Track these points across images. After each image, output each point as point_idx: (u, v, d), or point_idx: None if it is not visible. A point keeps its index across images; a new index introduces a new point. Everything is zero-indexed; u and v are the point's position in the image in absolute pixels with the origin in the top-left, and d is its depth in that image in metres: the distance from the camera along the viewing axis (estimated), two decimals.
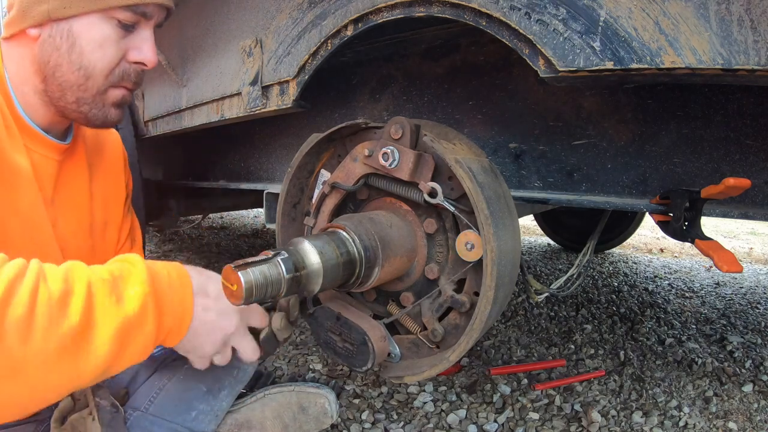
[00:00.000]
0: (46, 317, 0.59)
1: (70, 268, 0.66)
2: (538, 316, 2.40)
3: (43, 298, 0.59)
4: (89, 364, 0.63)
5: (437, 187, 0.81)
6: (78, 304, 0.62)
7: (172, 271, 0.77)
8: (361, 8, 0.98)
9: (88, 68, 0.90)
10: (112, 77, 0.93)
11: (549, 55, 0.75)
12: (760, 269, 3.69)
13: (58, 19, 0.87)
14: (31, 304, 0.58)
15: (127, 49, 0.94)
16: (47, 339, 0.58)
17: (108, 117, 0.97)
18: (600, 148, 1.09)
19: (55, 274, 0.63)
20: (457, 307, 0.87)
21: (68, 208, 1.02)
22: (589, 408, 1.54)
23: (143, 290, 0.69)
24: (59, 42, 0.88)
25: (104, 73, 0.92)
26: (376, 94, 1.47)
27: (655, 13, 0.66)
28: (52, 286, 0.61)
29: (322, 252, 0.77)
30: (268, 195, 1.37)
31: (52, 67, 0.89)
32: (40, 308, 0.59)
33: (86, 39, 0.89)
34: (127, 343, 0.67)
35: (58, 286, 0.62)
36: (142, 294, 0.68)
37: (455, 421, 1.48)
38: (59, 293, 0.61)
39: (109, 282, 0.67)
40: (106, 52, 0.91)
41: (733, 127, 0.94)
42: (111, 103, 0.96)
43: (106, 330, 0.64)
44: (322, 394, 1.26)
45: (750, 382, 1.75)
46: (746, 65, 0.60)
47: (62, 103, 0.92)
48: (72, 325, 0.61)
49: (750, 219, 0.91)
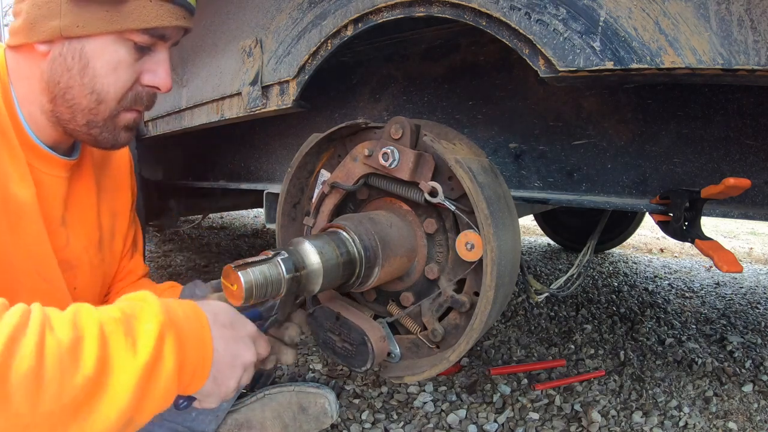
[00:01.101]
0: (57, 370, 0.52)
1: (78, 312, 0.60)
2: (538, 316, 2.40)
3: (51, 348, 0.52)
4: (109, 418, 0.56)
5: (438, 187, 0.81)
6: (91, 351, 0.55)
7: (185, 306, 0.71)
8: (361, 8, 0.98)
9: (101, 93, 0.86)
10: (124, 101, 0.90)
11: (549, 55, 0.75)
12: (760, 269, 3.69)
13: (70, 38, 0.82)
14: (38, 357, 0.51)
15: (141, 72, 0.90)
16: (60, 396, 0.52)
17: (118, 140, 0.93)
18: (600, 148, 1.09)
19: (62, 320, 0.57)
20: (457, 307, 0.87)
21: (79, 225, 1.00)
22: (589, 408, 1.54)
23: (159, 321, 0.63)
24: (71, 62, 0.83)
25: (117, 97, 0.88)
26: (376, 94, 1.47)
27: (655, 13, 0.66)
28: (59, 334, 0.55)
29: (322, 252, 0.77)
30: (268, 195, 1.37)
31: (62, 89, 0.85)
32: (48, 360, 0.52)
33: (100, 62, 0.84)
34: (149, 387, 0.60)
35: (66, 333, 0.55)
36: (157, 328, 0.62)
37: (455, 421, 1.48)
38: (69, 341, 0.54)
39: (122, 321, 0.61)
40: (120, 76, 0.87)
41: (733, 127, 0.94)
42: (122, 127, 0.93)
43: (124, 377, 0.57)
44: (322, 394, 1.27)
45: (750, 382, 1.75)
46: (746, 65, 0.60)
47: (72, 126, 0.89)
48: (87, 375, 0.54)
49: (750, 219, 0.91)
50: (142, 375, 0.59)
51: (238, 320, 0.77)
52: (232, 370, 0.72)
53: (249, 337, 0.76)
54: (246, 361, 0.74)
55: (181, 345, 0.64)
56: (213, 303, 0.78)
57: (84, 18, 0.81)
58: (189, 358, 0.65)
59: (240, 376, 0.74)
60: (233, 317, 0.76)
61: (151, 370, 0.60)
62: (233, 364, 0.72)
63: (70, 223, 0.98)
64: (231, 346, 0.72)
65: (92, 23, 0.81)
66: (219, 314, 0.74)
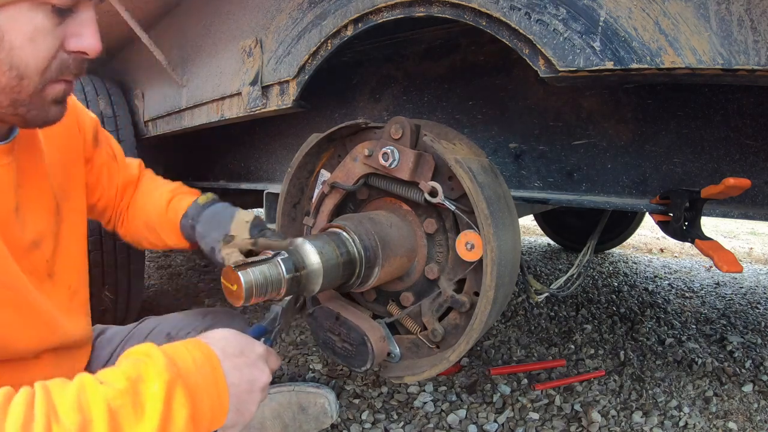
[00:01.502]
0: None
1: (82, 390, 0.58)
2: (538, 316, 2.40)
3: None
4: None
5: (438, 187, 0.81)
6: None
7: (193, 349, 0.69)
8: (361, 8, 0.98)
9: (20, 67, 0.77)
10: (49, 73, 0.80)
11: (549, 55, 0.75)
12: (760, 269, 3.69)
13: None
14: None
15: (64, 37, 0.79)
16: None
17: (49, 116, 0.85)
18: (600, 148, 1.09)
19: (67, 404, 0.55)
20: (457, 307, 0.87)
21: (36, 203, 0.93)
22: (589, 408, 1.54)
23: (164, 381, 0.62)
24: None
25: (39, 69, 0.78)
26: (376, 94, 1.47)
27: (655, 13, 0.66)
28: (66, 423, 0.53)
29: (322, 252, 0.77)
30: (268, 195, 1.37)
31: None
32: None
33: (15, 33, 0.75)
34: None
35: (73, 420, 0.53)
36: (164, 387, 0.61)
37: (455, 421, 1.48)
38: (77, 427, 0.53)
39: (129, 392, 0.59)
40: (39, 45, 0.77)
41: (733, 127, 0.94)
42: (50, 101, 0.84)
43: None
44: (322, 394, 1.27)
45: (750, 382, 1.75)
46: (746, 65, 0.60)
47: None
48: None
49: (750, 219, 0.91)
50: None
51: (247, 345, 0.77)
52: (251, 396, 0.73)
53: (260, 358, 0.77)
54: (262, 383, 0.75)
55: (192, 395, 0.64)
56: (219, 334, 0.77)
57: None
58: (202, 404, 0.65)
59: (260, 399, 0.75)
60: (241, 343, 0.76)
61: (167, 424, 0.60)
62: (251, 390, 0.73)
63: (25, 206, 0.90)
64: (245, 374, 0.73)
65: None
66: (227, 346, 0.74)
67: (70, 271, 0.99)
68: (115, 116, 1.97)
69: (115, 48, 2.17)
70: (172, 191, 1.14)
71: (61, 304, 0.94)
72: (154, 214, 1.13)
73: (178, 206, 1.10)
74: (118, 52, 2.22)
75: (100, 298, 1.97)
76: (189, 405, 0.63)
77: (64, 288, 0.97)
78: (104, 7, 1.66)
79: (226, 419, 0.69)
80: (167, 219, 1.10)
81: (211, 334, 0.77)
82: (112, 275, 1.96)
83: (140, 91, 2.03)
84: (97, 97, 1.97)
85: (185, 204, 1.09)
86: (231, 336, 0.76)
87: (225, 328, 0.79)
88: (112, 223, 1.23)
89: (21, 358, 0.85)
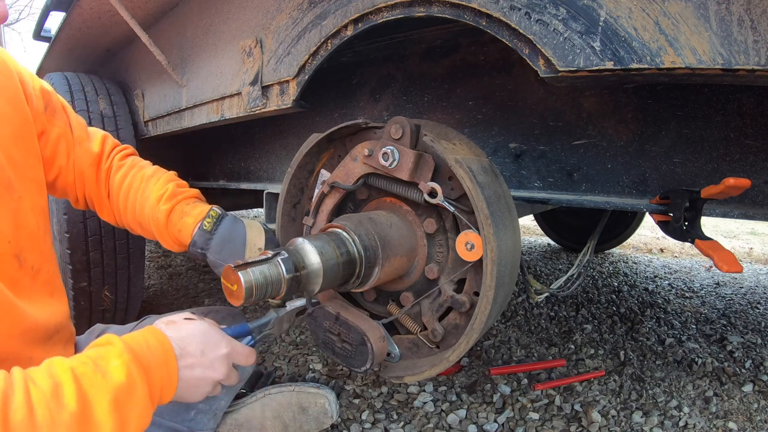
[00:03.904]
0: (46, 414, 0.61)
1: (51, 363, 0.67)
2: (538, 316, 2.40)
3: (36, 397, 0.61)
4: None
5: (437, 187, 0.81)
6: (70, 391, 0.64)
7: (148, 336, 0.77)
8: (361, 8, 0.98)
9: None
10: None
11: (549, 55, 0.75)
12: (760, 269, 3.69)
13: None
14: (28, 407, 0.60)
15: None
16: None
17: None
18: (600, 148, 1.09)
19: (39, 373, 0.65)
20: (457, 307, 0.87)
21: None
22: (589, 408, 1.54)
23: (124, 360, 0.70)
24: None
25: None
26: (376, 94, 1.47)
27: (655, 13, 0.66)
28: (41, 383, 0.63)
29: (322, 252, 0.77)
30: (268, 195, 1.37)
31: None
32: (37, 407, 0.60)
33: None
34: (126, 411, 0.68)
35: (46, 382, 0.63)
36: (124, 363, 0.70)
37: (455, 421, 1.48)
38: (50, 387, 0.63)
39: (90, 364, 0.68)
40: None
41: (733, 127, 0.94)
42: None
43: (102, 404, 0.65)
44: (323, 395, 1.26)
45: (750, 382, 1.75)
46: (746, 65, 0.60)
47: None
48: (72, 412, 0.62)
49: (750, 219, 0.91)
50: (118, 399, 0.67)
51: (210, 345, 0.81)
52: (196, 389, 0.81)
53: (219, 359, 0.82)
54: (212, 381, 0.82)
55: (147, 372, 0.72)
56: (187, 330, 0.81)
57: None
58: (155, 381, 0.73)
59: (208, 392, 0.83)
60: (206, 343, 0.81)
61: (126, 394, 0.68)
62: (198, 386, 0.81)
63: None
64: (197, 373, 0.80)
65: None
66: (189, 345, 0.80)
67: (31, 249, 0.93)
68: (115, 116, 1.96)
69: (115, 48, 2.17)
70: (170, 197, 1.08)
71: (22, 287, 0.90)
72: (151, 221, 1.08)
73: (180, 224, 1.06)
74: (118, 52, 2.22)
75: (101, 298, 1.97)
76: (145, 378, 0.71)
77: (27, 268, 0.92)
78: (104, 6, 1.66)
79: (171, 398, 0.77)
80: (168, 232, 1.08)
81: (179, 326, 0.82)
82: (112, 275, 1.96)
83: (140, 91, 2.03)
84: (97, 97, 1.96)
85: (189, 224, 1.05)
86: (198, 333, 0.82)
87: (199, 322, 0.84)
88: (82, 205, 1.17)
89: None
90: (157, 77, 1.84)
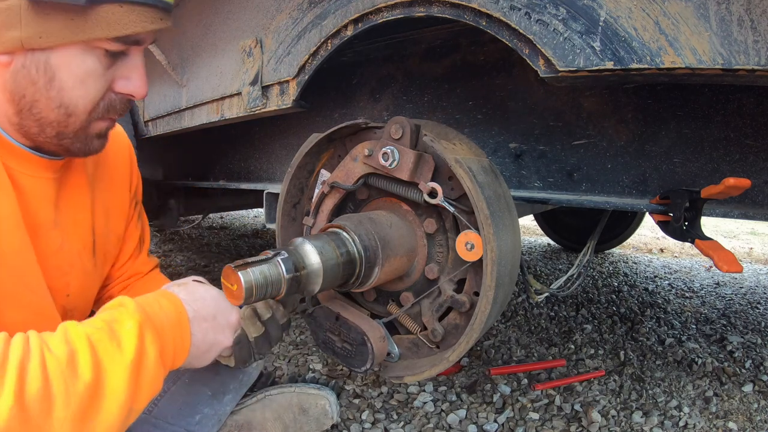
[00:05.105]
0: (61, 382, 0.60)
1: (67, 329, 0.67)
2: (538, 316, 2.40)
3: (52, 365, 0.61)
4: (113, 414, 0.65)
5: (437, 188, 0.81)
6: (86, 360, 0.63)
7: (161, 299, 0.77)
8: (361, 8, 0.98)
9: (69, 106, 0.80)
10: (96, 112, 0.83)
11: (549, 55, 0.75)
12: (760, 269, 3.69)
13: (34, 50, 0.75)
14: (44, 375, 0.59)
15: (113, 79, 0.83)
16: (68, 403, 0.60)
17: (90, 148, 0.88)
18: (600, 148, 1.09)
19: (56, 339, 0.65)
20: (457, 307, 0.87)
21: (72, 228, 0.95)
22: (589, 408, 1.54)
23: (137, 320, 0.70)
24: (35, 75, 0.76)
25: (88, 109, 0.82)
26: (376, 94, 1.47)
27: (655, 13, 0.66)
28: (56, 352, 0.62)
29: (322, 252, 0.77)
30: (268, 195, 1.37)
31: (28, 102, 0.78)
32: (53, 376, 0.60)
33: (67, 73, 0.77)
34: (139, 378, 0.68)
35: (62, 350, 0.63)
36: (137, 326, 0.70)
37: (455, 421, 1.48)
38: (66, 356, 0.62)
39: (106, 329, 0.68)
40: (89, 87, 0.80)
41: (733, 127, 0.94)
42: (94, 135, 0.87)
43: (117, 375, 0.65)
44: (323, 396, 1.26)
45: (750, 382, 1.75)
46: (746, 65, 0.60)
47: (41, 138, 0.82)
48: (87, 382, 0.62)
49: (750, 219, 0.92)
50: (132, 369, 0.67)
51: (221, 311, 0.83)
52: (207, 355, 0.82)
53: (229, 326, 0.84)
54: (222, 347, 0.84)
55: (160, 334, 0.72)
56: (200, 293, 0.83)
57: (47, 28, 0.73)
58: (168, 343, 0.74)
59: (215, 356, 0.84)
60: (217, 308, 0.82)
61: (139, 363, 0.68)
62: (209, 351, 0.82)
63: (63, 226, 0.93)
64: (209, 338, 0.81)
65: (56, 33, 0.74)
66: (202, 308, 0.81)
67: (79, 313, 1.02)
68: None
69: None
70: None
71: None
72: None
73: None
74: None
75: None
76: (157, 342, 0.72)
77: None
78: None
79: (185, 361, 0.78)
80: None
81: (193, 290, 0.84)
82: None
83: None
84: None
85: None
86: (210, 297, 0.83)
87: (210, 286, 0.86)
88: None
89: None
90: (157, 77, 1.84)
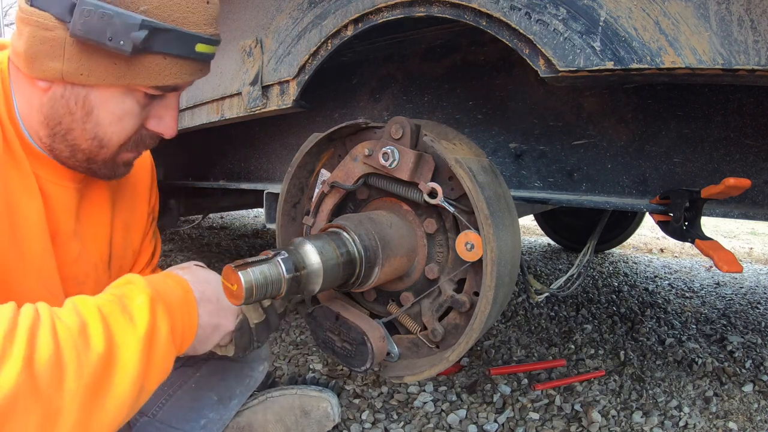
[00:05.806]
0: (73, 351, 0.58)
1: (75, 302, 0.66)
2: (538, 316, 2.40)
3: (63, 333, 0.59)
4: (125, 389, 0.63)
5: (437, 188, 0.81)
6: (97, 331, 0.62)
7: (167, 279, 0.78)
8: (361, 8, 0.98)
9: (103, 140, 0.82)
10: (126, 146, 0.86)
11: (549, 55, 0.75)
12: (760, 269, 3.69)
13: (74, 84, 0.77)
14: (55, 343, 0.57)
15: (147, 117, 0.86)
16: (80, 374, 0.58)
17: (116, 174, 0.91)
18: (600, 148, 1.09)
19: (66, 310, 0.64)
20: (457, 307, 0.87)
21: (91, 240, 0.96)
22: (589, 408, 1.54)
23: (147, 296, 0.70)
24: (73, 107, 0.78)
25: (120, 143, 0.85)
26: (376, 94, 1.47)
27: (656, 13, 0.66)
28: (67, 321, 0.61)
29: (322, 252, 0.77)
30: (268, 195, 1.37)
31: (63, 129, 0.80)
32: (64, 344, 0.58)
33: (104, 111, 0.80)
34: (151, 353, 0.67)
35: (73, 320, 0.61)
36: (148, 300, 0.69)
37: (455, 421, 1.48)
38: (77, 326, 0.61)
39: (117, 302, 0.67)
40: (125, 125, 0.83)
41: (733, 127, 0.94)
42: (121, 163, 0.90)
43: (130, 348, 0.64)
44: (325, 398, 1.27)
45: (750, 382, 1.75)
46: (746, 65, 0.60)
47: (70, 162, 0.85)
48: (99, 353, 0.61)
49: (750, 219, 0.92)
50: (144, 343, 0.66)
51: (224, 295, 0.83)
52: (211, 338, 0.83)
53: (233, 310, 0.84)
54: (225, 330, 0.84)
55: (170, 311, 0.72)
56: (203, 276, 0.84)
57: (90, 67, 0.75)
58: (178, 321, 0.74)
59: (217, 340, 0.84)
60: (219, 291, 0.83)
61: (151, 338, 0.68)
62: (213, 333, 0.82)
63: (82, 236, 0.94)
64: (213, 320, 0.81)
65: (99, 74, 0.75)
66: (207, 291, 0.81)
67: None
68: None
69: None
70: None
71: None
72: None
73: None
74: None
75: None
76: (168, 318, 0.71)
77: None
78: None
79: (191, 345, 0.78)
80: None
81: (196, 272, 0.85)
82: None
83: None
84: None
85: None
86: (213, 280, 0.85)
87: (210, 271, 0.87)
88: None
89: None
90: None
